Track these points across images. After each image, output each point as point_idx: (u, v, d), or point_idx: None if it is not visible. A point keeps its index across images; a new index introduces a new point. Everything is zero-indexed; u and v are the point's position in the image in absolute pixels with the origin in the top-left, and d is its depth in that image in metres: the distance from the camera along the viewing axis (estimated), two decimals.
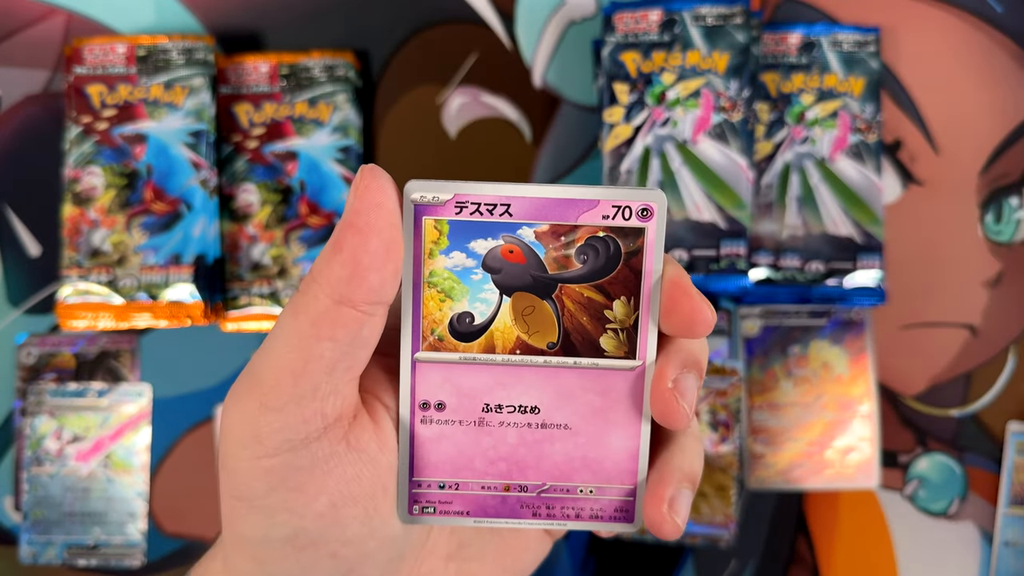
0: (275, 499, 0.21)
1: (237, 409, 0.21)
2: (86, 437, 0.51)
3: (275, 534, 0.22)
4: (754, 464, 0.51)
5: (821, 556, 0.51)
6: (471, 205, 0.22)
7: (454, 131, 0.53)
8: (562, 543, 0.51)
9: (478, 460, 0.24)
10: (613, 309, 0.23)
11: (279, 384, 0.21)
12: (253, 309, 0.50)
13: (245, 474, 0.21)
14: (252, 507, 0.22)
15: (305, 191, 0.51)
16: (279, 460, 0.21)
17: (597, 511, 0.24)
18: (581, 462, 0.24)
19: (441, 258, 0.22)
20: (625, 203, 0.22)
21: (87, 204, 0.49)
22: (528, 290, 0.23)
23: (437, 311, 0.23)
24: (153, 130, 0.49)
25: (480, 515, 0.24)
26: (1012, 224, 0.52)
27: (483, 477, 0.24)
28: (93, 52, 0.50)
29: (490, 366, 0.23)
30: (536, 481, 0.24)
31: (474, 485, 0.24)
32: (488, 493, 0.24)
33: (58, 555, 0.50)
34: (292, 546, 0.22)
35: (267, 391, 0.21)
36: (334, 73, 0.52)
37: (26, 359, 0.52)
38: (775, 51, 0.52)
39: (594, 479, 0.24)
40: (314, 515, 0.22)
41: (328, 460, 0.21)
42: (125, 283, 0.49)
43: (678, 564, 0.51)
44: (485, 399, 0.23)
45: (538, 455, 0.24)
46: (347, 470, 0.22)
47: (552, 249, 0.22)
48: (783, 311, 0.52)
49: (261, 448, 0.21)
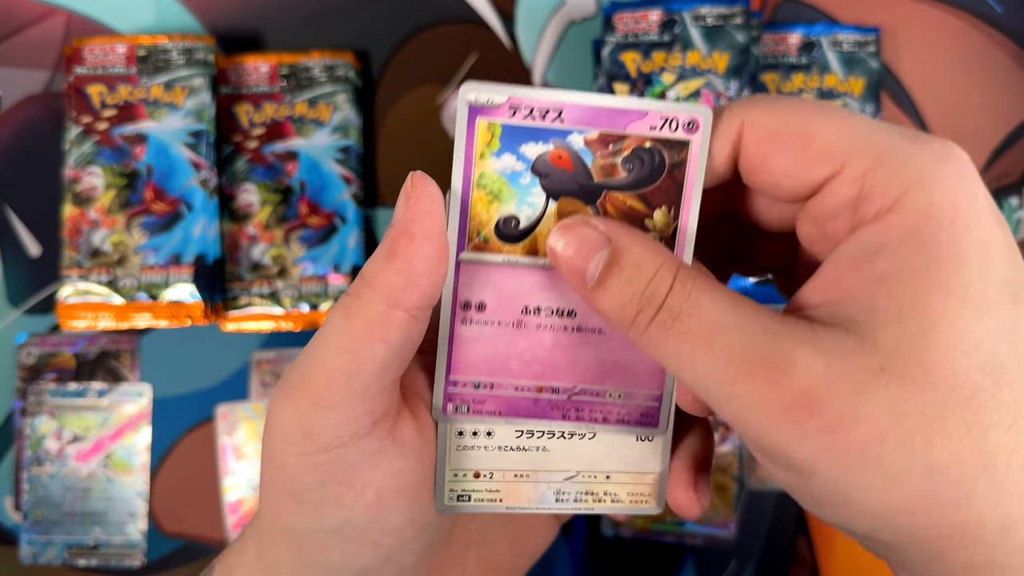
0: (325, 493, 0.22)
1: (288, 406, 0.22)
2: (86, 437, 0.51)
3: (322, 526, 0.23)
4: (754, 464, 0.51)
5: (821, 556, 0.51)
6: (524, 109, 0.22)
7: (454, 131, 0.54)
8: (563, 543, 0.51)
9: (513, 361, 0.24)
10: (654, 218, 0.23)
11: (332, 384, 0.21)
12: (253, 309, 0.50)
13: (295, 468, 0.22)
14: (301, 500, 0.22)
15: (305, 191, 0.51)
16: (330, 456, 0.22)
17: (624, 415, 0.25)
18: (612, 366, 0.24)
19: (492, 160, 0.23)
20: (673, 115, 0.22)
21: (87, 204, 0.49)
22: (574, 195, 0.23)
23: (484, 213, 0.23)
24: (153, 130, 0.50)
25: (511, 415, 0.25)
26: (1012, 224, 0.52)
27: (518, 378, 0.24)
28: (93, 52, 0.50)
29: (532, 269, 0.23)
30: (568, 383, 0.24)
31: (508, 385, 0.24)
32: (521, 394, 0.25)
33: (58, 555, 0.51)
34: (338, 537, 0.23)
35: (320, 390, 0.21)
36: (334, 73, 0.52)
37: (26, 359, 0.52)
38: (775, 51, 0.52)
39: (623, 384, 0.25)
40: (361, 507, 0.22)
41: (376, 455, 0.22)
42: (125, 283, 0.49)
43: (678, 564, 0.51)
44: (525, 301, 0.24)
45: (572, 358, 0.24)
46: (393, 464, 0.23)
47: (600, 157, 0.23)
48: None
49: (312, 444, 0.22)
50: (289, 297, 0.50)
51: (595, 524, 0.51)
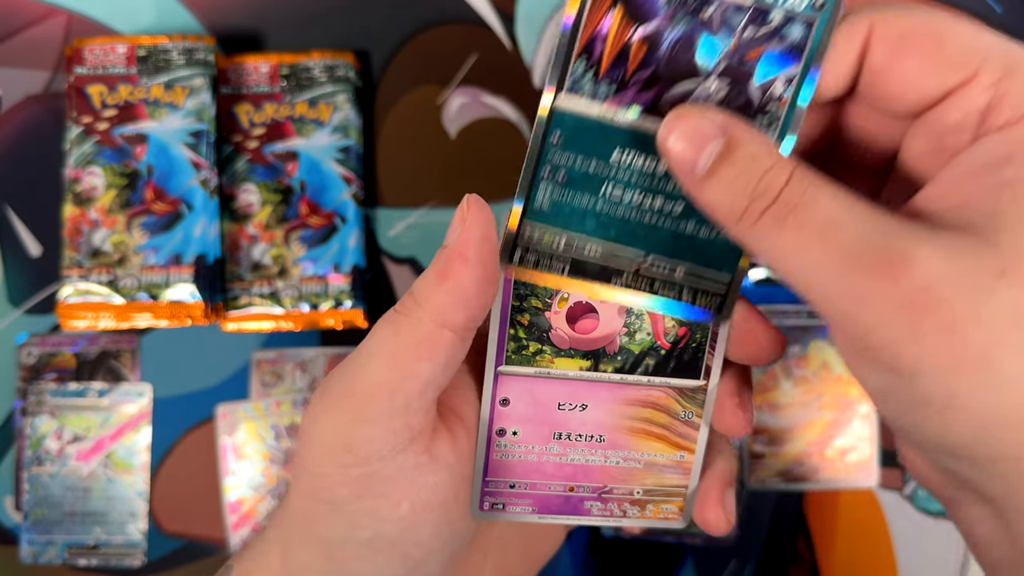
0: (361, 505, 0.22)
1: (328, 418, 0.22)
2: (87, 437, 0.51)
3: (356, 536, 0.23)
4: (754, 464, 0.51)
5: (821, 556, 0.51)
6: None
7: (454, 131, 0.54)
8: (564, 543, 0.51)
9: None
10: None
11: (374, 399, 0.22)
12: (253, 309, 0.50)
13: (332, 479, 0.22)
14: (336, 510, 0.23)
15: (305, 191, 0.51)
16: (368, 469, 0.22)
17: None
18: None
19: None
20: None
21: (88, 204, 0.49)
22: None
23: None
24: (154, 130, 0.50)
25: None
26: None
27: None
28: (94, 52, 0.50)
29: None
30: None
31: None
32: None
33: (59, 555, 0.51)
34: (369, 548, 0.23)
35: (362, 404, 0.22)
36: (334, 73, 0.52)
37: (27, 359, 0.52)
38: None
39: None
40: (395, 519, 0.23)
41: (413, 470, 0.23)
42: (126, 283, 0.49)
43: (678, 564, 0.51)
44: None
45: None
46: (428, 479, 0.23)
47: None
48: (783, 311, 0.52)
49: (351, 457, 0.22)
50: (289, 297, 0.50)
51: None
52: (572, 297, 0.24)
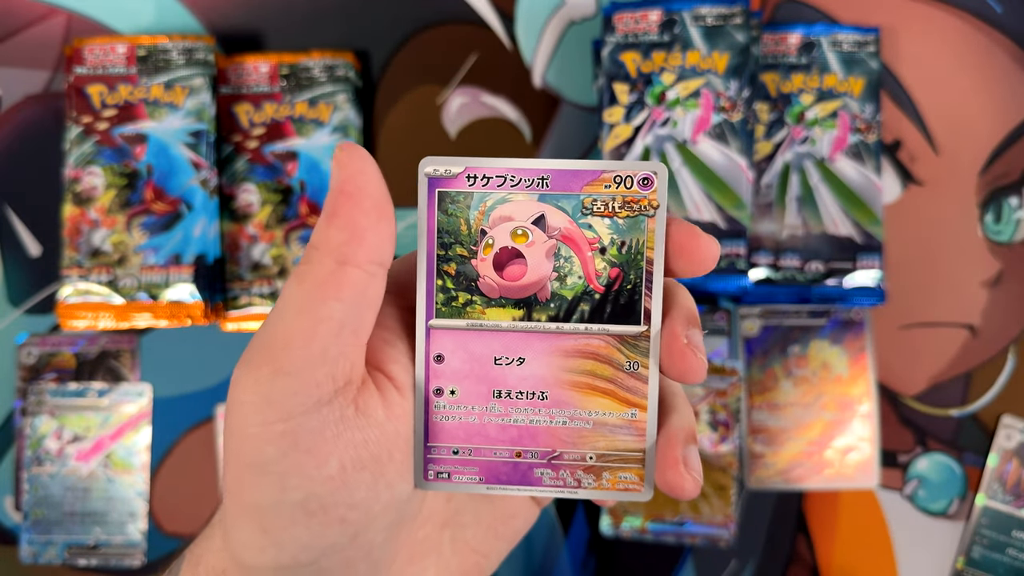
0: (287, 463, 0.22)
1: (250, 376, 0.22)
2: (86, 437, 0.51)
3: (286, 499, 0.22)
4: (754, 464, 0.51)
5: (821, 556, 0.51)
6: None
7: (454, 131, 0.54)
8: (563, 543, 0.51)
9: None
10: None
11: (290, 347, 0.22)
12: (253, 309, 0.50)
13: (257, 439, 0.22)
14: (264, 472, 0.22)
15: (305, 191, 0.51)
16: (292, 424, 0.22)
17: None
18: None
19: None
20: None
21: (87, 204, 0.49)
22: None
23: None
24: (153, 130, 0.50)
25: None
26: (1012, 224, 0.52)
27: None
28: (93, 52, 0.50)
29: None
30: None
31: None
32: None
33: (58, 555, 0.51)
34: (303, 511, 0.23)
35: (279, 355, 0.22)
36: (334, 73, 0.52)
37: (26, 359, 0.52)
38: (775, 51, 0.52)
39: None
40: (324, 478, 0.22)
41: (338, 423, 0.22)
42: (125, 283, 0.49)
43: (678, 564, 0.51)
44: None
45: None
46: (356, 435, 0.23)
47: None
48: (783, 311, 0.52)
49: (273, 413, 0.22)
50: None
51: (595, 524, 0.51)
52: (497, 242, 0.24)
